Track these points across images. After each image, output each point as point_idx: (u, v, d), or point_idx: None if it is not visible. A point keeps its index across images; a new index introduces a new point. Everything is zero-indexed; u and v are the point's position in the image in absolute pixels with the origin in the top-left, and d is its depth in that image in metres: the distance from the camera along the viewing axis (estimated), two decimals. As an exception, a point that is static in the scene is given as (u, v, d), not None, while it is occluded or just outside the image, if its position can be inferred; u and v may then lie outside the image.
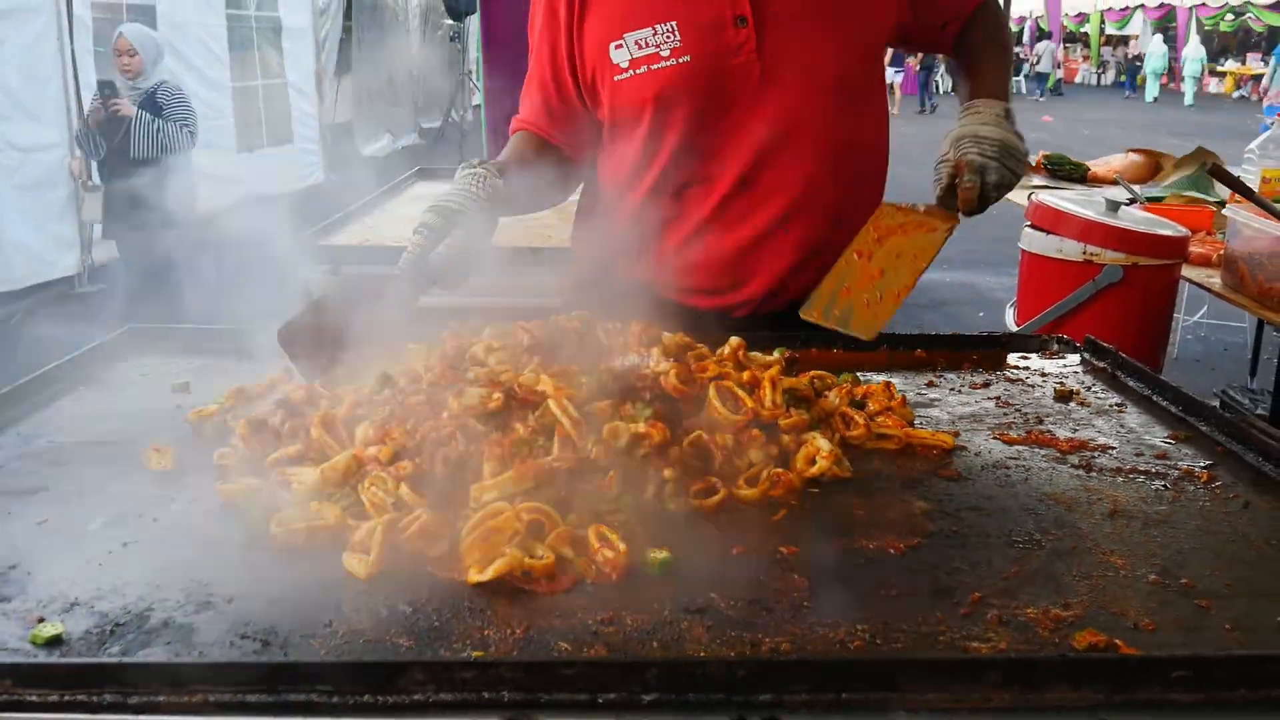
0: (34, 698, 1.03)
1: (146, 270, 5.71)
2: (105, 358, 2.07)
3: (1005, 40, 2.34)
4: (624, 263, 2.21)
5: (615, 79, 2.08)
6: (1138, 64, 37.13)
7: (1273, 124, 5.36)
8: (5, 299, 7.31)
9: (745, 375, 1.65)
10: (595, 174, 2.30)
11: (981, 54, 2.25)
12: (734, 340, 1.78)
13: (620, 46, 2.05)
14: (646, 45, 2.03)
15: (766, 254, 2.15)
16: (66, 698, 1.03)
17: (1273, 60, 26.96)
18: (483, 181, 1.88)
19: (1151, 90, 33.90)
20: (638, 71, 2.05)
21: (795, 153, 2.10)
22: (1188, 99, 32.67)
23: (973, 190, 1.88)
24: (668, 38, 2.03)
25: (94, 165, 6.70)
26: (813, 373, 1.82)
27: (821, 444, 1.54)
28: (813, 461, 1.53)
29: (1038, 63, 35.45)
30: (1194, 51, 34.20)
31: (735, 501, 1.48)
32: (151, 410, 1.81)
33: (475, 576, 1.24)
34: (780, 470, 1.51)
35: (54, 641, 1.13)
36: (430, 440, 1.44)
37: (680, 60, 2.02)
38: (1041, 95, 33.77)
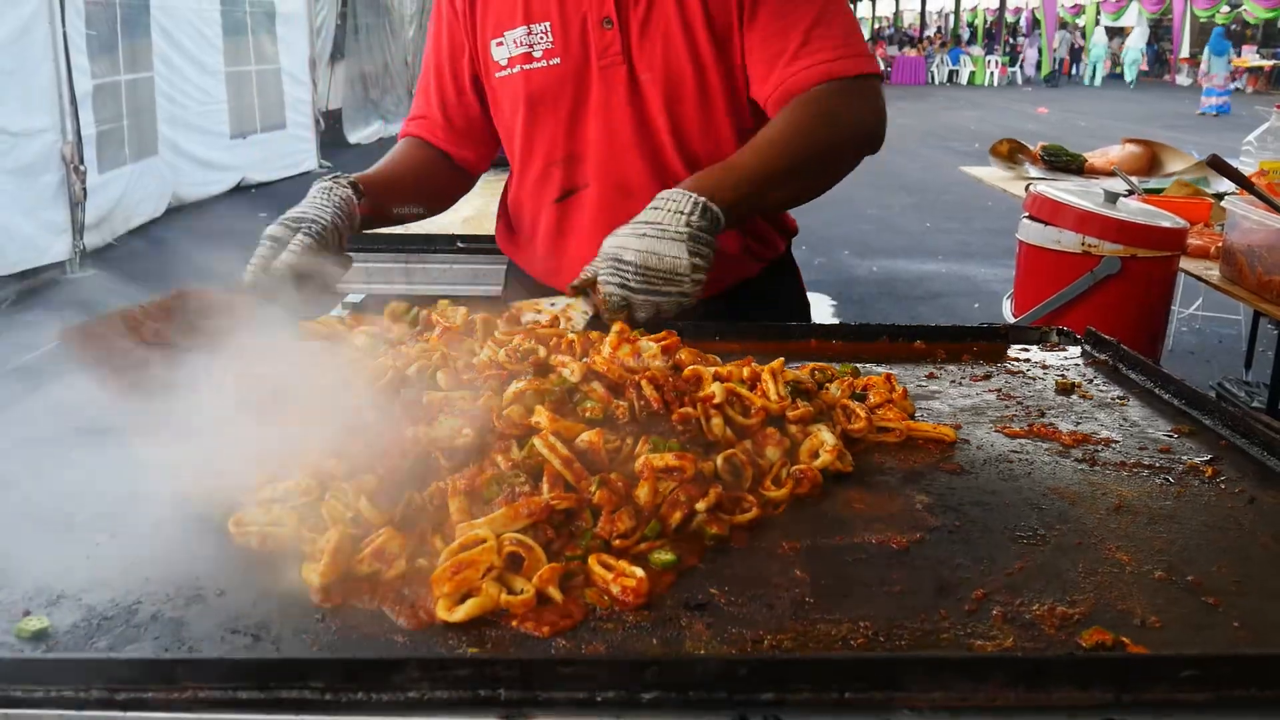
0: (18, 693, 1.01)
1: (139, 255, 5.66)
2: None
3: (821, 121, 1.94)
4: (536, 264, 2.21)
5: (496, 75, 2.09)
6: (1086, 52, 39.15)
7: (1275, 119, 5.34)
8: (-4, 284, 7.28)
9: (745, 371, 1.61)
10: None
11: (768, 127, 1.95)
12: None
13: (501, 44, 2.06)
14: (521, 44, 2.03)
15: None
16: (52, 693, 1.01)
17: (1207, 49, 30.10)
18: (329, 194, 1.88)
19: (1129, 75, 37.58)
20: (513, 71, 2.05)
21: (665, 160, 2.07)
22: (1128, 78, 36.89)
23: (603, 302, 1.72)
24: (541, 38, 2.02)
25: (86, 150, 6.69)
26: (813, 365, 1.80)
27: (826, 437, 1.51)
28: (816, 455, 1.50)
29: (1057, 48, 36.43)
30: (1135, 41, 39.38)
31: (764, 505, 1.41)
32: (141, 396, 1.78)
33: (446, 614, 1.13)
34: (803, 466, 1.46)
35: (40, 635, 1.11)
36: (395, 458, 1.34)
37: (550, 62, 2.02)
38: (1046, 85, 34.36)
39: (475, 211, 4.33)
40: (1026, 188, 4.85)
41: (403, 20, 16.61)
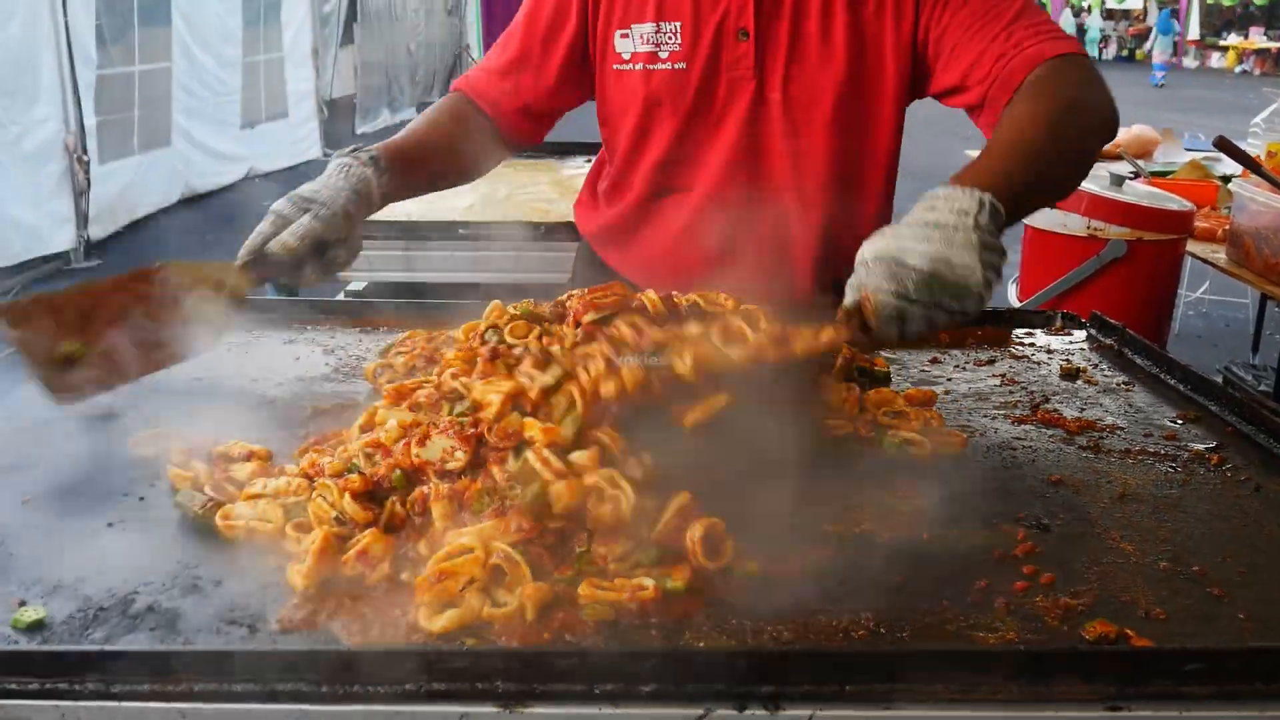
0: (13, 685, 1.00)
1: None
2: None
3: (1053, 88, 1.72)
4: (613, 254, 2.16)
5: (615, 68, 2.00)
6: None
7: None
8: (1, 274, 7.26)
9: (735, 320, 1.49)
10: (597, 165, 2.24)
11: (1013, 112, 1.72)
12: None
13: (626, 36, 1.97)
14: (648, 41, 1.95)
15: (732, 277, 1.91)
16: (47, 685, 1.00)
17: (1155, 28, 31.00)
18: (346, 173, 1.74)
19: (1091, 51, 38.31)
20: (635, 67, 1.98)
21: (776, 183, 2.00)
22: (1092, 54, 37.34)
23: (879, 340, 1.45)
24: (670, 38, 1.94)
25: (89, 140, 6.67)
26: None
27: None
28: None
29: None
30: (1095, 20, 40.26)
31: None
32: (138, 383, 1.78)
33: (426, 623, 1.11)
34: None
35: (36, 626, 1.10)
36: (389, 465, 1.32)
37: (676, 65, 1.95)
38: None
39: (479, 199, 4.31)
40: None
41: (406, 7, 16.57)
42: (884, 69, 1.93)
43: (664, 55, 1.95)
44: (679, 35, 1.93)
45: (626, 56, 1.98)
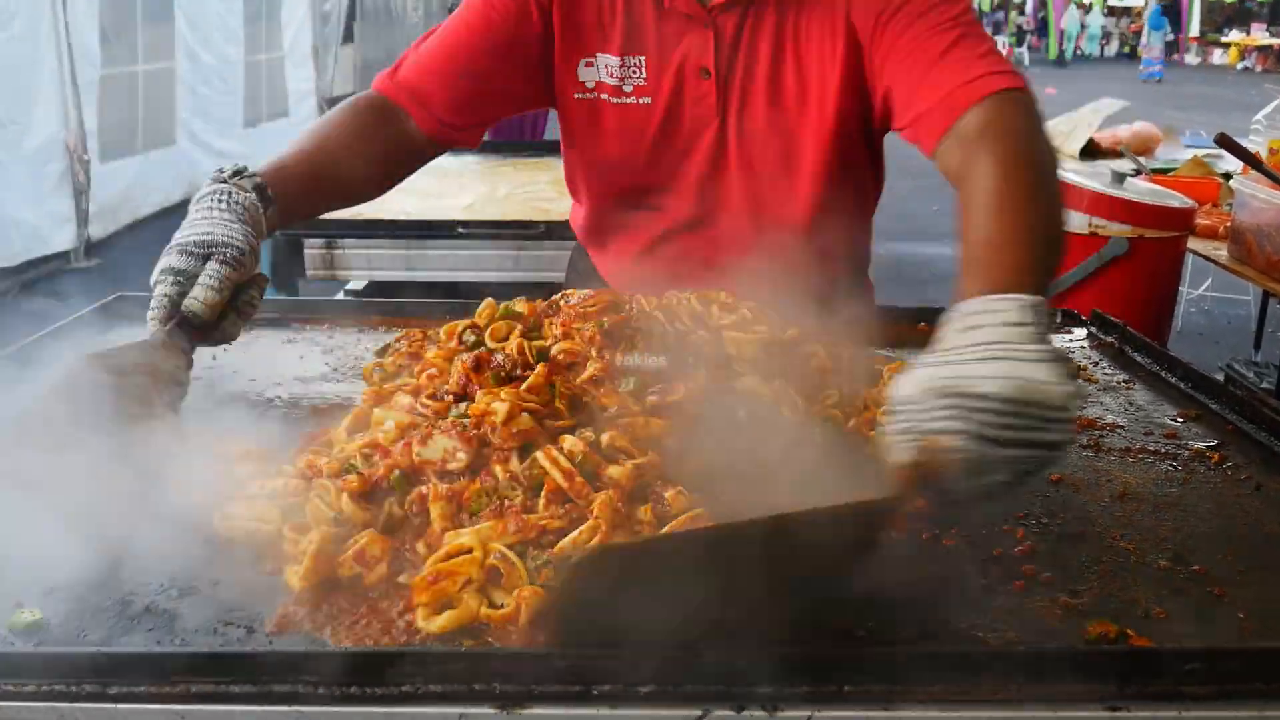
0: (10, 687, 1.00)
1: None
2: (91, 330, 2.03)
3: (1030, 152, 1.53)
4: (594, 254, 2.16)
5: (575, 96, 1.96)
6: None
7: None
8: (0, 274, 7.27)
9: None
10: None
11: (983, 185, 1.49)
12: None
13: (591, 65, 1.93)
14: (613, 74, 1.91)
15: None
16: (44, 687, 1.00)
17: (1146, 24, 31.99)
18: (229, 201, 1.51)
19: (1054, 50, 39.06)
20: (600, 97, 1.93)
21: (740, 216, 1.96)
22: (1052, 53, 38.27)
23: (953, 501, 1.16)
24: (635, 72, 1.90)
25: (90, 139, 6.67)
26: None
27: None
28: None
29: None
30: (1096, 18, 41.83)
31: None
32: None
33: (424, 623, 1.11)
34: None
35: (33, 628, 1.10)
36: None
37: (641, 100, 1.91)
38: (1055, 66, 34.17)
39: (478, 198, 4.31)
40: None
41: (406, 6, 16.58)
42: (832, 107, 1.87)
43: (628, 90, 1.92)
44: (644, 70, 1.90)
45: (590, 85, 1.94)
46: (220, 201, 1.50)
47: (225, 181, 1.54)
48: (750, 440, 1.32)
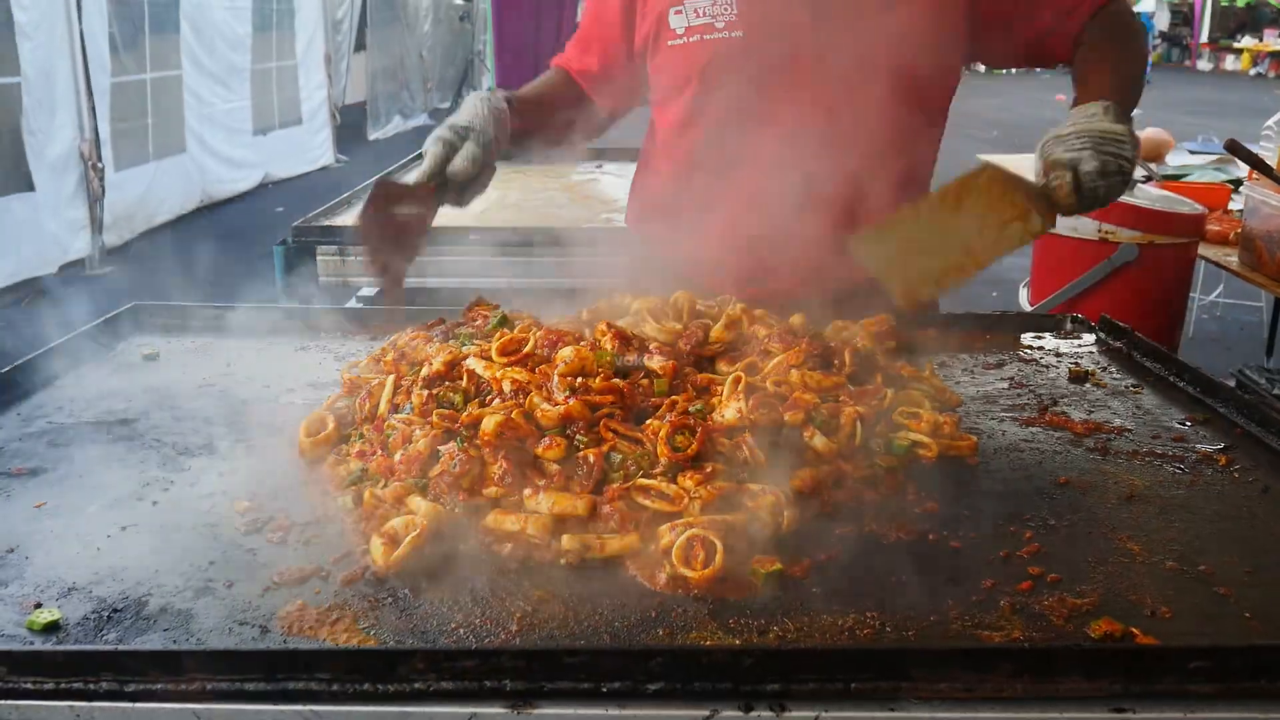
0: (29, 685, 1.01)
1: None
2: (106, 336, 2.05)
3: (1123, 32, 2.06)
4: (670, 240, 2.16)
5: (669, 44, 2.05)
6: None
7: None
8: (19, 282, 7.30)
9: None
10: (647, 146, 2.29)
11: (1091, 55, 2.03)
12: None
13: (679, 12, 2.03)
14: (703, 14, 2.00)
15: (791, 250, 2.03)
16: (62, 685, 1.01)
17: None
18: (486, 103, 1.90)
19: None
20: (690, 40, 2.02)
21: (834, 151, 1.98)
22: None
23: (1063, 187, 1.68)
24: (725, 8, 1.99)
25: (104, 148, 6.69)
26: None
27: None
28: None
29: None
30: None
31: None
32: (152, 389, 1.80)
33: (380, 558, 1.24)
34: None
35: (51, 628, 1.12)
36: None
37: (733, 34, 1.98)
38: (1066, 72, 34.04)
39: (490, 204, 4.33)
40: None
41: (418, 14, 16.61)
42: (938, 31, 2.00)
43: (720, 25, 2.00)
44: (734, 4, 1.99)
45: (680, 31, 2.04)
46: (484, 103, 1.90)
47: (490, 91, 1.95)
48: None
